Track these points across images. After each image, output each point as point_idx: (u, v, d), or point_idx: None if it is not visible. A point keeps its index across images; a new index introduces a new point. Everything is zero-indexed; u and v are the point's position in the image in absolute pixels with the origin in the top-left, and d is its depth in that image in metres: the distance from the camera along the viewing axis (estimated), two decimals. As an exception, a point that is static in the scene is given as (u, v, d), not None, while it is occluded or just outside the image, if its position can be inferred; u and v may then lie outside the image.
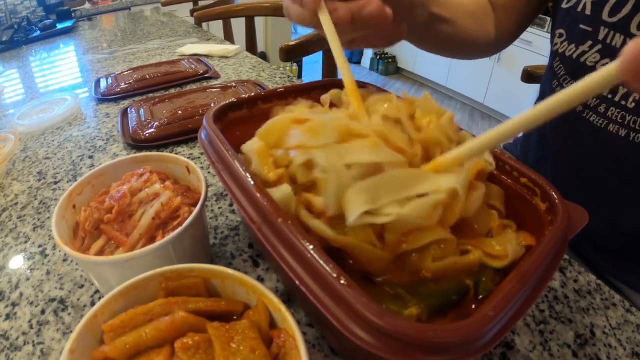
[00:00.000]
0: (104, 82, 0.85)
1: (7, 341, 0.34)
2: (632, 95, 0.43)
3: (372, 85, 0.43)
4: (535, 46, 2.47)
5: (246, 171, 0.30)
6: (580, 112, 0.49)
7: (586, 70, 0.47)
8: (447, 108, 0.31)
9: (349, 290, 0.22)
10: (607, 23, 0.44)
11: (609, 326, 0.36)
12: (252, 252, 0.42)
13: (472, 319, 0.21)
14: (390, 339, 0.20)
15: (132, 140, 0.62)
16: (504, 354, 0.33)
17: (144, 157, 0.42)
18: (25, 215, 0.49)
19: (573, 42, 0.49)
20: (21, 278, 0.40)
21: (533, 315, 0.36)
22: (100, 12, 2.01)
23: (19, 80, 0.99)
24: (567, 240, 0.27)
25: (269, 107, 0.44)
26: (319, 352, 0.33)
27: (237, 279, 0.26)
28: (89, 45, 1.24)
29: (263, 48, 3.33)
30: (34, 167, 0.59)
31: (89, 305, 0.37)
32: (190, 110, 0.67)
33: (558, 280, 0.40)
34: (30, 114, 0.73)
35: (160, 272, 0.26)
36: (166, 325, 0.22)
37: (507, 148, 0.75)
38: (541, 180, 0.31)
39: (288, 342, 0.22)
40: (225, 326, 0.23)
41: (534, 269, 0.24)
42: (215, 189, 0.52)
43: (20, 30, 1.31)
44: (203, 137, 0.37)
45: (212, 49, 1.05)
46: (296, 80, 0.87)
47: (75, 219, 0.37)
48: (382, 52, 3.84)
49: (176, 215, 0.35)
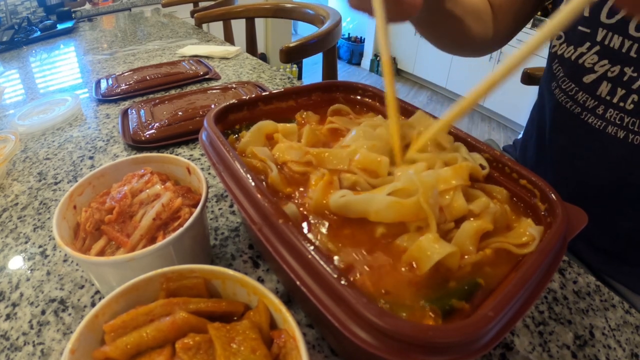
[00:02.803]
0: (104, 83, 0.85)
1: (7, 341, 0.34)
2: (631, 97, 0.43)
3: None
4: (535, 48, 2.47)
5: (247, 172, 0.30)
6: (578, 114, 0.49)
7: (585, 71, 0.48)
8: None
9: (349, 290, 0.22)
10: (605, 24, 0.44)
11: (608, 327, 0.36)
12: (252, 253, 0.42)
13: (471, 320, 0.21)
14: (390, 339, 0.20)
15: (133, 141, 0.62)
16: (503, 354, 0.33)
17: (145, 157, 0.42)
18: (26, 215, 0.49)
19: (572, 44, 0.49)
20: (21, 278, 0.40)
21: (532, 316, 0.36)
22: (101, 12, 2.01)
23: (19, 81, 0.99)
24: (567, 241, 0.28)
25: (269, 109, 0.44)
26: (319, 353, 0.33)
27: (238, 279, 0.26)
28: (89, 45, 1.24)
29: (263, 49, 3.34)
30: (34, 167, 0.59)
31: (89, 306, 0.37)
32: (190, 111, 0.68)
33: (557, 281, 0.40)
34: (30, 115, 0.73)
35: (161, 272, 0.26)
36: (167, 326, 0.23)
37: (506, 149, 0.75)
38: (540, 182, 0.31)
39: (288, 342, 0.22)
40: (226, 326, 0.23)
41: (533, 270, 0.24)
42: (215, 189, 0.52)
43: (20, 31, 1.31)
44: (204, 138, 0.37)
45: (213, 50, 1.05)
46: (296, 81, 0.87)
47: (76, 219, 0.37)
48: (382, 54, 3.85)
49: (177, 216, 0.35)
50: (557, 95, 0.53)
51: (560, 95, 0.52)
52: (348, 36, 4.10)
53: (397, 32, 3.70)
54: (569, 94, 0.50)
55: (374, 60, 3.88)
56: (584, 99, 0.48)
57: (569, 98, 0.51)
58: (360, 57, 4.08)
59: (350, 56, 4.11)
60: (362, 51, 4.04)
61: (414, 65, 3.65)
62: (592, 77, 0.47)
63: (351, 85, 0.47)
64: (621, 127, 0.45)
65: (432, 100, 3.40)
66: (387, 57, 0.36)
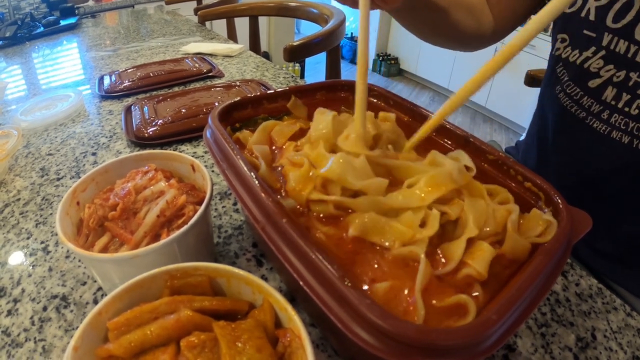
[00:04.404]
0: (107, 79, 0.85)
1: (9, 337, 0.34)
2: (636, 102, 0.43)
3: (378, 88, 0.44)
4: (538, 49, 2.47)
5: (251, 170, 0.30)
6: (583, 119, 0.49)
7: (590, 76, 0.47)
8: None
9: (352, 291, 0.22)
10: (611, 29, 0.44)
11: (610, 330, 0.36)
12: (255, 252, 0.42)
13: (475, 322, 0.21)
14: (393, 341, 0.20)
15: (136, 138, 0.62)
16: (505, 356, 0.33)
17: (149, 154, 0.42)
18: (28, 211, 0.49)
19: (577, 48, 0.49)
20: (23, 274, 0.40)
21: (535, 318, 0.36)
22: (104, 9, 2.01)
23: (22, 77, 0.99)
24: (571, 244, 0.27)
25: (273, 107, 0.44)
26: (322, 352, 0.33)
27: (242, 278, 0.26)
28: (92, 42, 1.24)
29: (266, 48, 3.33)
30: (37, 163, 0.59)
31: (91, 303, 0.37)
32: (194, 109, 0.68)
33: (560, 283, 0.40)
34: (33, 110, 0.73)
35: (166, 270, 0.26)
36: (171, 324, 0.23)
37: (508, 151, 0.75)
38: (545, 185, 0.31)
39: (294, 341, 0.22)
40: (231, 325, 0.23)
41: (537, 272, 0.24)
42: (218, 187, 0.52)
43: (23, 27, 1.31)
44: (208, 135, 0.37)
45: (216, 47, 1.05)
46: (299, 80, 0.87)
47: (79, 215, 0.37)
48: (385, 54, 3.84)
49: (181, 214, 0.35)
50: (562, 100, 0.52)
51: (565, 100, 0.52)
52: (351, 35, 4.09)
53: (399, 32, 3.70)
54: (574, 99, 0.50)
55: (376, 59, 3.87)
56: (589, 104, 0.48)
57: (573, 102, 0.51)
58: (362, 56, 4.08)
59: (352, 55, 4.10)
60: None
61: (416, 66, 3.64)
62: (597, 82, 0.47)
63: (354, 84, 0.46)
64: (626, 132, 0.45)
65: (434, 101, 3.39)
66: (364, 47, 0.35)
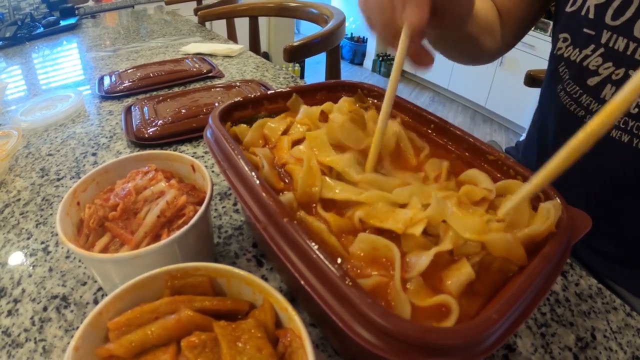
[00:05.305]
0: (107, 80, 0.85)
1: (9, 337, 0.34)
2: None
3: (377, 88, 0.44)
4: (538, 50, 2.47)
5: (252, 170, 0.30)
6: (582, 118, 0.49)
7: (589, 74, 0.47)
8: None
9: (353, 290, 0.22)
10: (610, 26, 0.44)
11: (610, 330, 0.36)
12: (255, 252, 0.42)
13: (475, 322, 0.21)
14: (394, 340, 0.20)
15: (136, 138, 0.62)
16: (505, 356, 0.33)
17: (149, 154, 0.42)
18: (28, 211, 0.49)
19: (577, 46, 0.49)
20: (23, 274, 0.40)
21: (535, 318, 0.36)
22: (104, 9, 2.01)
23: (22, 77, 0.99)
24: (571, 245, 0.28)
25: (274, 107, 0.44)
26: (323, 352, 0.33)
27: (243, 278, 0.26)
28: (92, 42, 1.24)
29: (265, 48, 3.33)
30: (37, 163, 0.59)
31: (91, 303, 0.37)
32: (194, 109, 0.68)
33: (559, 283, 0.40)
34: (33, 111, 0.73)
35: (166, 270, 0.26)
36: (172, 324, 0.23)
37: (508, 151, 0.75)
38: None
39: (294, 341, 0.22)
40: (232, 325, 0.23)
41: (537, 273, 0.24)
42: (219, 188, 0.52)
43: (23, 27, 1.31)
44: (208, 135, 0.37)
45: (216, 48, 1.05)
46: (299, 80, 0.87)
47: (79, 215, 0.37)
48: (385, 54, 3.84)
49: (181, 214, 0.35)
50: (562, 98, 0.53)
51: (565, 98, 0.52)
52: (351, 36, 4.09)
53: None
54: (574, 97, 0.50)
55: (377, 60, 3.87)
56: (588, 102, 0.48)
57: (573, 101, 0.51)
58: (362, 57, 4.08)
59: (352, 56, 4.11)
60: (365, 51, 4.03)
61: (416, 66, 3.64)
62: (596, 80, 0.47)
63: (356, 85, 0.47)
64: (625, 130, 0.45)
65: (434, 101, 3.40)
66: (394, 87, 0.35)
